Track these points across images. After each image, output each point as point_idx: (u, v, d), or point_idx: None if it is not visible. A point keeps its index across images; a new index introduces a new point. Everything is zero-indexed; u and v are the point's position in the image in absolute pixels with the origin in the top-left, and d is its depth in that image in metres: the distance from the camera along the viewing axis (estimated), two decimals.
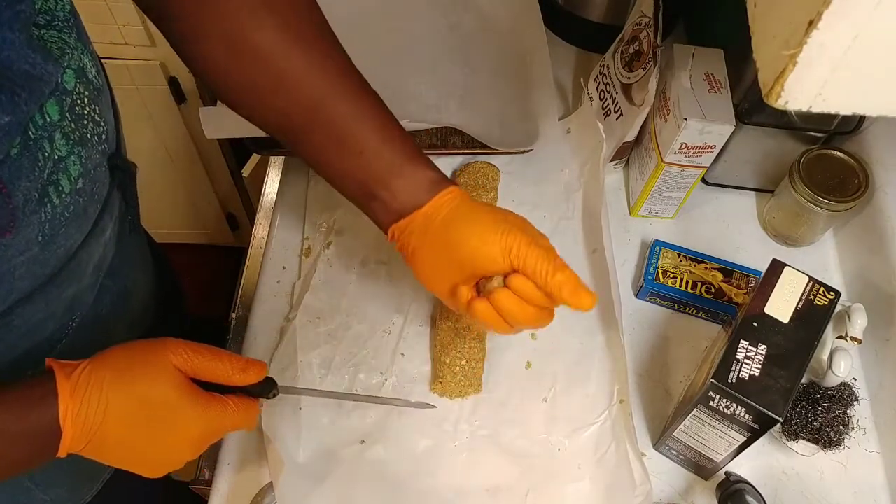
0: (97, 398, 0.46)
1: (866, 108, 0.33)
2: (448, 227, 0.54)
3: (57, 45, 0.45)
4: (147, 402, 0.48)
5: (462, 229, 0.53)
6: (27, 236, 0.45)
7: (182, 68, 1.16)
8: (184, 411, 0.49)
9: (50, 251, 0.49)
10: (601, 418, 0.69)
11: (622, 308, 0.75)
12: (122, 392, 0.47)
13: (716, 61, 0.74)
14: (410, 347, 0.73)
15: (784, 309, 0.58)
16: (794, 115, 0.76)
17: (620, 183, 0.86)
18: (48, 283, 0.52)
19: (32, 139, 0.43)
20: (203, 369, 0.50)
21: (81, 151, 0.49)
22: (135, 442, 0.49)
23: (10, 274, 0.46)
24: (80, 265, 0.55)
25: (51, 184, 0.46)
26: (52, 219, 0.47)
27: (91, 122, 0.50)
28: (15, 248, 0.45)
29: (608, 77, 0.82)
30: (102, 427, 0.47)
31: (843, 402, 0.68)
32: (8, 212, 0.42)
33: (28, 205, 0.44)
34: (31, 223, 0.45)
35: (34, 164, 0.44)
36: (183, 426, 0.49)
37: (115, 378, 0.47)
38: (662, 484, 0.68)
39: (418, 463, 0.67)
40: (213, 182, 1.45)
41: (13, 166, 0.42)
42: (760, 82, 0.33)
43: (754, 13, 0.35)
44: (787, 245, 0.82)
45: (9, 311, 0.50)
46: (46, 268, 0.50)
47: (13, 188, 0.42)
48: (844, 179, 0.75)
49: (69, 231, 0.50)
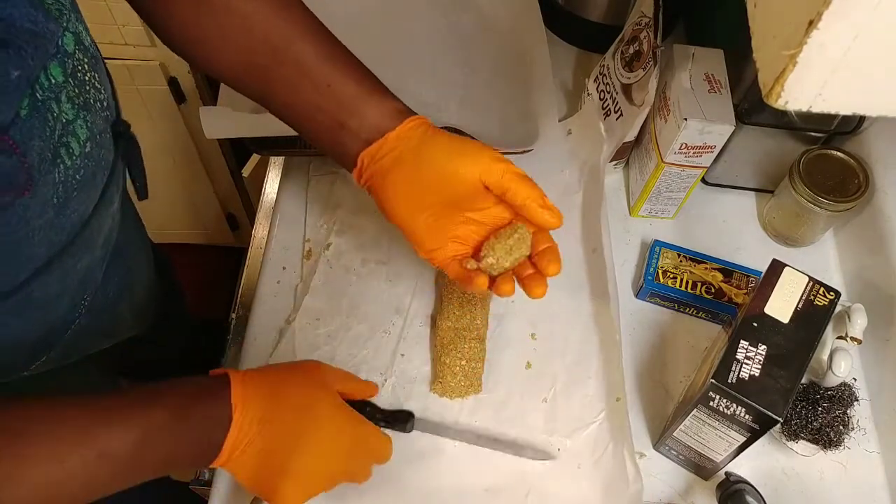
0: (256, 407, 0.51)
1: (866, 108, 0.33)
2: (421, 152, 0.54)
3: (55, 6, 0.47)
4: (304, 408, 0.53)
5: (436, 154, 0.54)
6: (44, 197, 0.47)
7: (182, 68, 1.16)
8: (339, 417, 0.54)
9: (64, 217, 0.51)
10: (599, 418, 0.69)
11: (622, 308, 0.75)
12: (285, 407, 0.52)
13: (716, 61, 0.74)
14: (410, 348, 0.73)
15: (784, 309, 0.58)
16: (793, 116, 0.76)
17: (620, 183, 0.86)
18: (63, 253, 0.53)
19: (40, 100, 0.44)
20: (349, 387, 0.57)
21: (87, 116, 0.50)
22: (285, 447, 0.51)
23: (30, 240, 0.48)
24: (91, 235, 0.57)
25: (62, 146, 0.48)
26: (65, 181, 0.49)
27: (92, 88, 0.52)
28: (33, 209, 0.46)
29: (608, 77, 0.82)
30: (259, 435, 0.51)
31: (843, 402, 0.68)
32: (24, 171, 0.44)
33: (43, 164, 0.46)
34: (46, 183, 0.47)
35: (44, 124, 0.45)
36: (336, 432, 0.53)
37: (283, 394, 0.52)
38: (662, 484, 0.68)
39: (418, 464, 0.67)
40: (213, 182, 1.45)
41: (24, 127, 0.43)
42: (760, 82, 0.33)
43: (754, 13, 0.35)
44: (787, 245, 0.82)
45: (28, 282, 0.51)
46: (62, 234, 0.52)
47: (27, 148, 0.43)
48: (844, 179, 0.75)
49: (81, 197, 0.52)
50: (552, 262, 0.56)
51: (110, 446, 0.45)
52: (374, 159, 0.55)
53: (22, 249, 0.48)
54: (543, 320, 0.75)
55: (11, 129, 0.42)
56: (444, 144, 0.54)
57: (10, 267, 0.49)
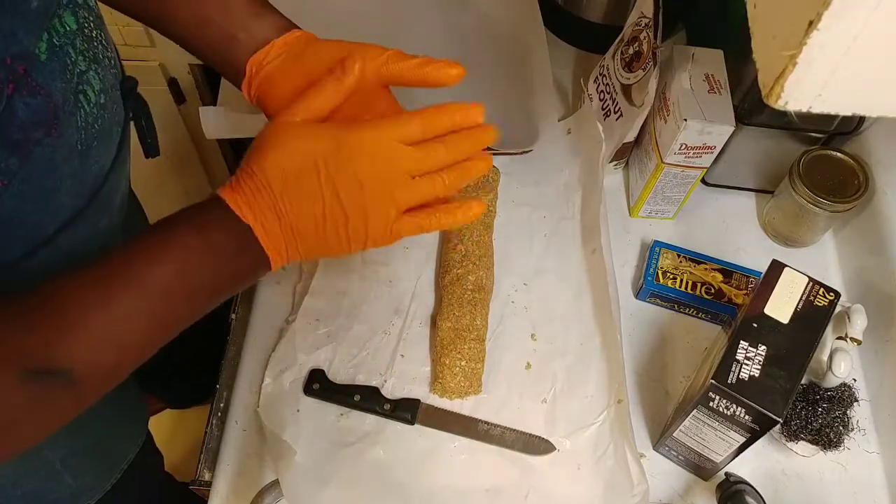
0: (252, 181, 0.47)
1: (866, 109, 0.33)
2: (305, 55, 0.55)
3: None
4: (294, 154, 0.48)
5: (321, 55, 0.55)
6: (68, 141, 0.49)
7: (182, 69, 1.16)
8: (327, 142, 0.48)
9: (87, 167, 0.54)
10: (600, 419, 0.69)
11: (622, 308, 0.75)
12: (270, 163, 0.47)
13: (716, 62, 0.74)
14: (410, 348, 0.73)
15: (784, 309, 0.58)
16: (793, 116, 0.76)
17: (620, 184, 0.86)
18: (87, 208, 0.56)
19: (57, 45, 0.47)
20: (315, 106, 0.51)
21: (97, 69, 0.53)
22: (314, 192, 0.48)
23: (57, 189, 0.51)
24: (110, 193, 0.59)
25: (80, 92, 0.50)
26: (85, 127, 0.51)
27: (100, 44, 0.54)
28: (59, 152, 0.49)
29: (608, 78, 0.82)
30: (279, 201, 0.47)
31: (843, 402, 0.68)
32: (50, 110, 0.46)
33: (66, 105, 0.48)
34: (70, 125, 0.49)
35: (64, 68, 0.48)
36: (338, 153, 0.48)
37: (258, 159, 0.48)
38: (662, 484, 0.68)
39: (418, 464, 0.67)
40: (213, 182, 1.45)
41: (45, 69, 0.45)
42: (760, 83, 0.33)
43: (754, 13, 0.35)
44: (786, 246, 0.82)
45: (56, 234, 0.53)
46: (85, 187, 0.55)
47: (51, 89, 0.46)
48: (844, 180, 0.75)
49: (100, 148, 0.55)
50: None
51: (152, 276, 0.44)
52: (260, 66, 0.56)
53: (50, 198, 0.51)
54: (543, 321, 0.75)
55: (34, 72, 0.44)
56: (327, 46, 0.55)
57: (41, 217, 0.51)
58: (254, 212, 0.47)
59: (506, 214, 0.81)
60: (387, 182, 0.49)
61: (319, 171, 0.48)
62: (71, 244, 0.55)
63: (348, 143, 0.48)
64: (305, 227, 0.48)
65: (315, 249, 0.50)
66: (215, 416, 0.72)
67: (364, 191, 0.49)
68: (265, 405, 0.68)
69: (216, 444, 0.69)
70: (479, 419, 0.69)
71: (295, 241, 0.49)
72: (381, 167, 0.49)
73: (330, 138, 0.48)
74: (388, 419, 0.68)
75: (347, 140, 0.48)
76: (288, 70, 0.56)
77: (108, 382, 0.46)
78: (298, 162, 0.48)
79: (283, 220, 0.48)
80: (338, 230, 0.50)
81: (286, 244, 0.49)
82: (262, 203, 0.47)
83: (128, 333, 0.45)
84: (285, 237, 0.48)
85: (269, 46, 0.56)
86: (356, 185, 0.48)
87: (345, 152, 0.48)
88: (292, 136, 0.49)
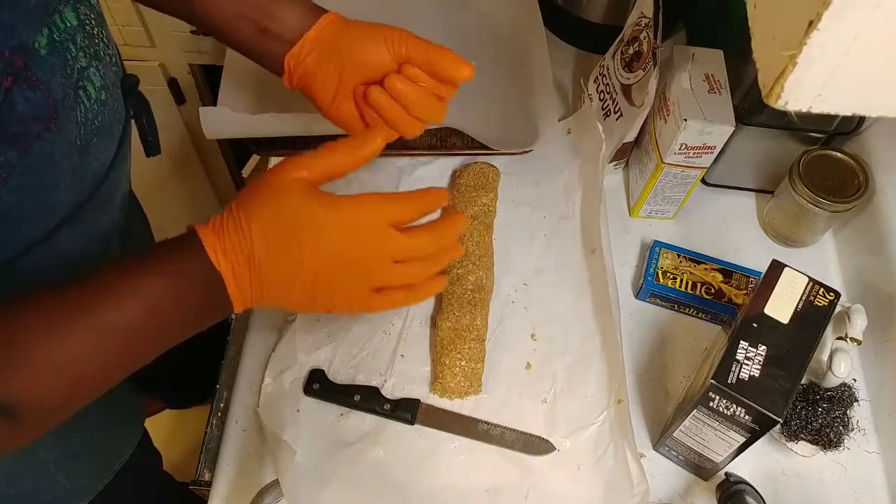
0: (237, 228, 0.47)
1: (866, 109, 0.33)
2: (338, 48, 0.59)
3: None
4: (284, 216, 0.48)
5: (351, 45, 0.59)
6: (68, 137, 0.50)
7: (182, 69, 1.16)
8: (320, 213, 0.48)
9: (86, 164, 0.54)
10: (600, 419, 0.69)
11: (622, 308, 0.75)
12: (257, 216, 0.47)
13: (716, 62, 0.74)
14: (410, 348, 0.73)
15: (784, 310, 0.58)
16: (793, 116, 0.76)
17: (620, 184, 0.86)
18: (87, 204, 0.56)
19: (57, 41, 0.48)
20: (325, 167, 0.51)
21: (98, 66, 0.54)
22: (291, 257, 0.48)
23: (56, 186, 0.51)
24: (110, 190, 0.60)
25: (80, 88, 0.51)
26: (84, 122, 0.52)
27: (101, 41, 0.55)
28: (58, 147, 0.49)
29: (608, 78, 0.82)
30: (256, 254, 0.47)
31: (843, 402, 0.68)
32: (49, 104, 0.47)
33: (66, 100, 0.49)
34: (69, 120, 0.50)
35: (64, 63, 0.48)
36: (326, 229, 0.49)
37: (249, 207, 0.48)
38: (662, 484, 0.68)
39: (418, 464, 0.67)
40: (213, 182, 1.45)
41: (45, 64, 0.46)
42: (760, 83, 0.33)
43: (754, 13, 0.35)
44: (786, 246, 0.82)
45: (57, 230, 0.54)
46: (84, 184, 0.55)
47: (51, 83, 0.47)
48: (844, 180, 0.75)
49: (100, 145, 0.55)
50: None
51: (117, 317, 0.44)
52: (298, 61, 0.59)
53: (50, 194, 0.51)
54: (543, 321, 0.75)
55: (34, 66, 0.45)
56: (354, 34, 0.59)
57: (40, 213, 0.52)
58: (228, 259, 0.47)
59: (506, 214, 0.81)
60: (367, 263, 0.50)
61: (303, 242, 0.48)
62: (72, 242, 0.56)
63: (340, 220, 0.49)
64: (274, 284, 0.49)
65: (279, 303, 0.51)
66: (215, 416, 0.72)
67: (342, 268, 0.50)
68: (265, 405, 0.68)
69: (216, 444, 0.69)
70: (479, 419, 0.69)
71: (261, 292, 0.49)
72: (367, 249, 0.50)
73: (325, 210, 0.49)
74: (388, 419, 0.68)
75: (340, 217, 0.49)
76: (324, 69, 0.59)
77: (53, 419, 0.45)
78: (287, 226, 0.48)
79: (254, 273, 0.48)
80: (303, 294, 0.50)
81: (252, 294, 0.49)
82: (238, 252, 0.47)
83: (83, 370, 0.44)
84: (252, 288, 0.48)
85: (301, 43, 0.59)
86: (335, 262, 0.49)
87: (334, 228, 0.49)
88: (286, 198, 0.48)
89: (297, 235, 0.48)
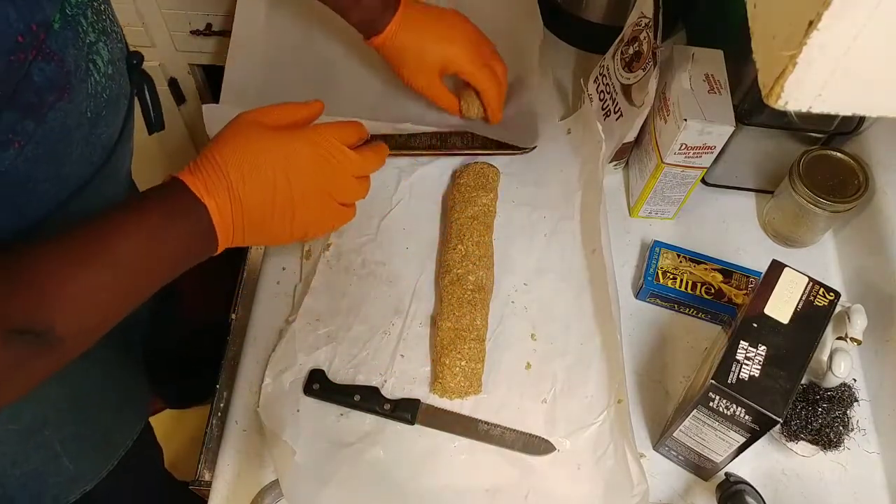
0: (213, 166, 0.53)
1: (866, 109, 0.33)
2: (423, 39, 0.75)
3: None
4: (254, 146, 0.55)
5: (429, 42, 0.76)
6: (79, 107, 0.53)
7: (182, 69, 1.16)
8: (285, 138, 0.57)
9: (96, 135, 0.56)
10: (600, 419, 0.69)
11: (622, 308, 0.75)
12: (229, 150, 0.54)
13: (716, 62, 0.74)
14: (410, 348, 0.73)
15: (784, 310, 0.58)
16: (793, 116, 0.76)
17: (620, 184, 0.86)
18: (96, 176, 0.59)
19: (70, 16, 0.50)
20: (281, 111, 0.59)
21: (106, 41, 0.56)
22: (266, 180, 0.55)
23: (69, 154, 0.54)
24: (116, 163, 0.63)
25: (90, 61, 0.54)
26: (95, 95, 0.54)
27: (108, 18, 0.57)
28: (71, 117, 0.52)
29: (608, 78, 0.82)
30: (233, 183, 0.53)
31: (843, 402, 0.68)
32: (63, 76, 0.49)
33: (77, 72, 0.51)
34: (81, 92, 0.52)
35: (76, 36, 0.51)
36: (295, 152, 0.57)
37: (220, 146, 0.55)
38: (662, 485, 0.68)
39: (418, 464, 0.67)
40: None
41: (59, 37, 0.49)
42: (760, 83, 0.33)
43: (754, 13, 0.35)
44: (786, 246, 0.82)
45: (68, 200, 0.56)
46: (94, 156, 0.58)
47: (64, 55, 0.49)
48: (844, 180, 0.75)
49: (109, 117, 0.58)
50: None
51: (125, 248, 0.49)
52: (384, 45, 0.75)
53: (62, 164, 0.54)
54: (543, 321, 0.75)
55: (49, 40, 0.47)
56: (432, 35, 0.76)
57: (53, 184, 0.54)
58: (211, 194, 0.52)
59: (506, 214, 0.81)
60: (335, 180, 0.60)
61: (276, 166, 0.55)
62: (82, 212, 0.57)
63: (305, 143, 0.57)
64: (254, 209, 0.55)
65: (259, 236, 0.57)
66: (215, 416, 0.72)
67: (315, 184, 0.58)
68: (265, 405, 0.68)
69: (216, 444, 0.69)
70: (479, 419, 0.69)
71: (243, 225, 0.55)
72: (333, 167, 0.59)
73: (289, 136, 0.57)
74: (388, 419, 0.68)
75: (305, 140, 0.57)
76: (412, 54, 0.76)
77: (86, 340, 0.50)
78: (259, 154, 0.55)
79: (235, 202, 0.53)
80: (284, 217, 0.57)
81: (234, 228, 0.54)
82: (218, 186, 0.53)
83: (101, 297, 0.49)
84: (235, 221, 0.54)
85: (387, 31, 0.73)
86: (309, 179, 0.57)
87: (303, 150, 0.57)
88: (254, 132, 0.56)
89: (270, 161, 0.55)
